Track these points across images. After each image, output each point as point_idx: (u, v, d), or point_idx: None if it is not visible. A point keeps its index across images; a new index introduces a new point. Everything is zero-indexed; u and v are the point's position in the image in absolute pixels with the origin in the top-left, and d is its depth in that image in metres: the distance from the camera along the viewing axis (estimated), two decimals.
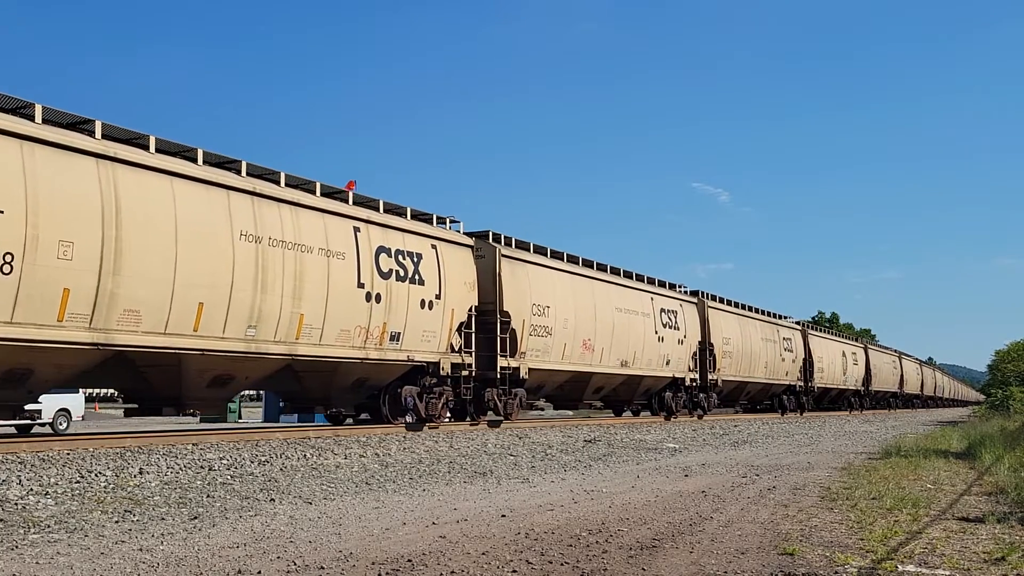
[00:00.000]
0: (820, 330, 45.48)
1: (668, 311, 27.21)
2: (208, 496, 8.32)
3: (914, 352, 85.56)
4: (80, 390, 26.20)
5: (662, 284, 28.00)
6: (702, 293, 30.70)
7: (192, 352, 12.84)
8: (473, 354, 18.23)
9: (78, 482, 8.76)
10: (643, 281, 26.65)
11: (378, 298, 15.76)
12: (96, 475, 9.16)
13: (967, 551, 5.95)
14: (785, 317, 40.04)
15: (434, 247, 17.43)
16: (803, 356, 39.67)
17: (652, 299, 26.31)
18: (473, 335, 18.26)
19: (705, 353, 29.51)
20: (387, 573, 5.16)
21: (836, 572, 5.26)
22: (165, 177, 12.41)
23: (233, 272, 13.15)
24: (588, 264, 23.67)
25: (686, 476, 10.99)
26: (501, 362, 18.80)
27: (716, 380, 30.02)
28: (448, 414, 18.55)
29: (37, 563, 5.30)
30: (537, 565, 5.43)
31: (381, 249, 15.98)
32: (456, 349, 17.89)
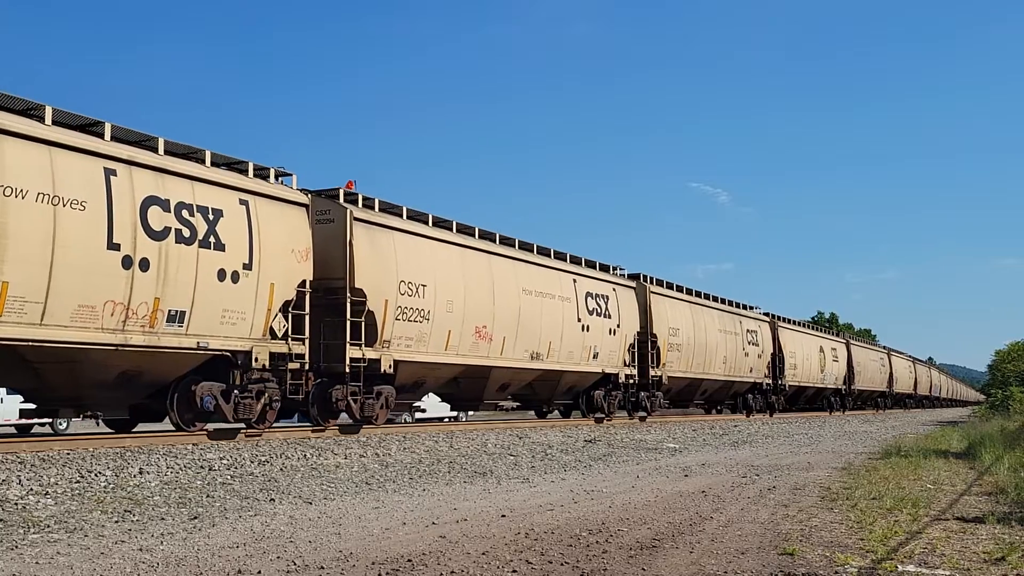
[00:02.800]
0: (793, 323, 40.90)
1: (597, 296, 23.16)
2: (208, 496, 8.32)
3: (914, 352, 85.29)
4: None
5: (591, 264, 23.93)
6: (643, 276, 26.66)
7: None
8: (306, 342, 14.30)
9: (78, 482, 8.76)
10: (565, 260, 22.52)
11: (145, 264, 11.87)
12: (96, 475, 9.15)
13: (967, 551, 5.95)
14: (752, 307, 35.76)
15: (244, 203, 13.42)
16: (772, 351, 35.79)
17: (575, 281, 22.24)
18: (307, 318, 14.31)
19: (646, 346, 25.58)
20: (387, 573, 5.16)
21: (836, 572, 5.26)
22: None
23: None
24: (487, 236, 19.62)
25: (686, 476, 10.99)
26: (352, 352, 15.00)
27: (660, 377, 26.12)
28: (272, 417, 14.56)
29: (37, 563, 5.30)
30: (537, 565, 5.43)
31: (152, 200, 12.03)
32: (281, 335, 13.95)
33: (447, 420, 27.87)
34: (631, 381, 24.66)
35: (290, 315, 14.10)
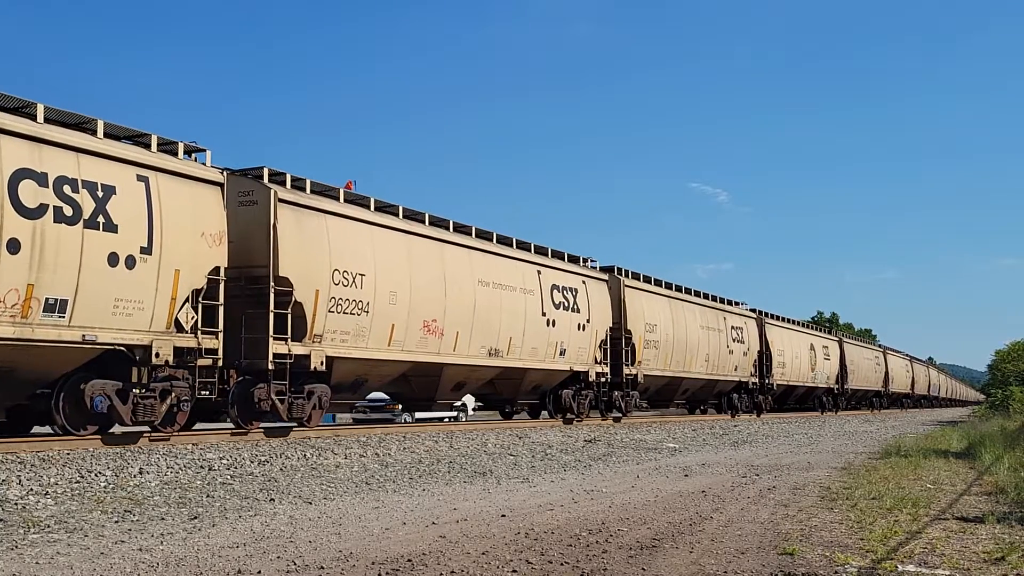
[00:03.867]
0: (782, 319, 38.97)
1: (564, 288, 21.54)
2: (208, 496, 8.32)
3: (915, 352, 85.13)
4: None
5: (558, 255, 22.27)
6: (617, 269, 24.97)
7: None
8: (220, 335, 13.05)
9: (78, 482, 8.76)
10: (528, 250, 20.92)
11: (14, 246, 10.59)
12: (96, 475, 9.16)
13: (967, 551, 5.95)
14: (737, 303, 34.13)
15: (143, 179, 12.04)
16: (758, 348, 34.24)
17: (540, 273, 20.63)
18: (221, 309, 13.03)
19: (620, 342, 24.11)
20: (387, 573, 5.16)
21: (836, 572, 5.26)
22: None
23: None
24: (439, 223, 18.08)
25: (686, 476, 10.99)
26: (277, 347, 13.79)
27: (635, 375, 24.67)
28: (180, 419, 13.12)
29: (37, 563, 5.30)
30: (537, 565, 5.43)
31: (25, 174, 10.76)
32: (189, 328, 12.66)
33: (447, 420, 27.75)
34: (603, 380, 23.21)
35: (200, 306, 12.78)
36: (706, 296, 30.89)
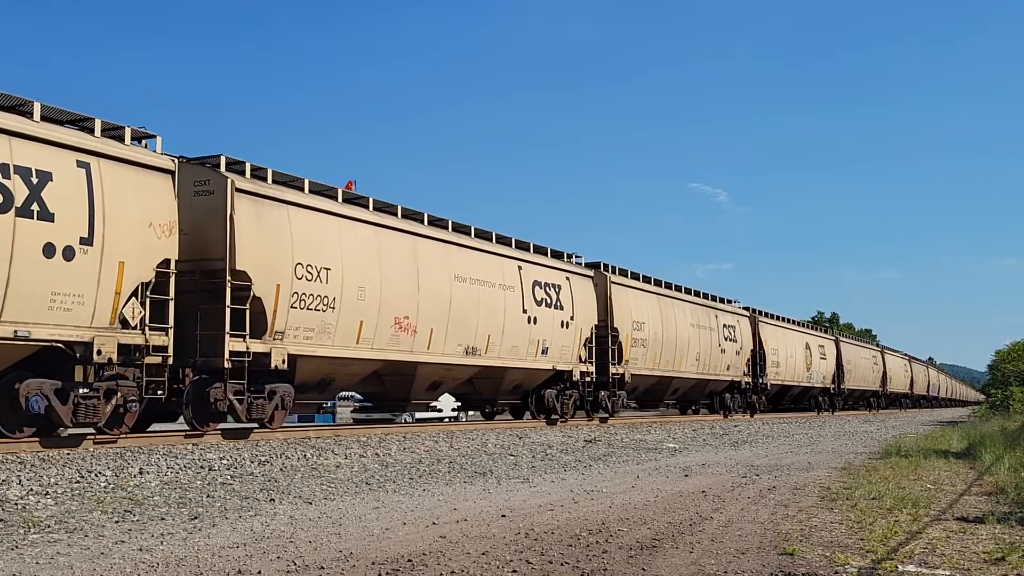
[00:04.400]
0: (776, 318, 37.95)
1: (546, 285, 20.81)
2: (208, 496, 8.32)
3: (915, 352, 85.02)
4: None
5: (540, 250, 21.62)
6: (603, 265, 24.21)
7: None
8: (170, 332, 12.28)
9: (78, 482, 8.76)
10: (509, 245, 20.23)
11: None
12: (96, 475, 9.16)
13: (967, 551, 5.95)
14: (730, 301, 33.38)
15: (84, 165, 11.34)
16: (752, 347, 33.51)
17: (520, 268, 19.95)
18: (171, 303, 12.27)
19: (606, 340, 23.34)
20: (387, 573, 5.16)
21: (836, 572, 5.27)
22: None
23: None
24: (412, 216, 17.48)
25: (686, 476, 10.99)
26: (234, 345, 13.07)
27: (622, 374, 23.92)
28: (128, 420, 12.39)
29: (37, 563, 5.30)
30: (537, 565, 5.43)
31: None
32: (135, 324, 11.89)
33: (447, 420, 27.70)
34: (588, 379, 22.48)
35: (148, 300, 12.00)
36: (697, 294, 30.25)
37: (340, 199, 15.69)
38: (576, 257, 23.50)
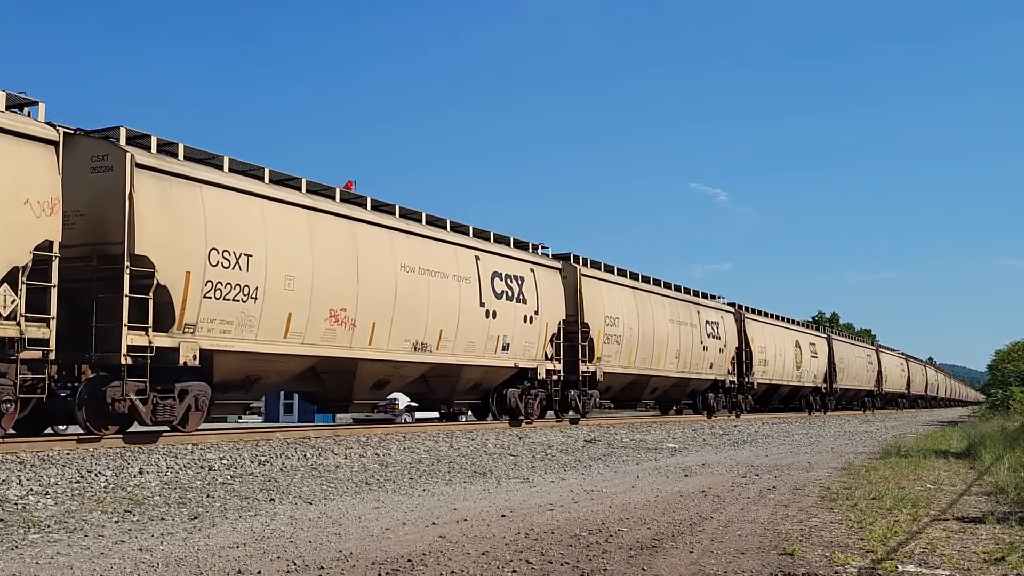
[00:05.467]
0: (764, 314, 36.24)
1: (508, 276, 19.45)
2: (208, 496, 8.32)
3: (915, 352, 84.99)
4: None
5: (502, 240, 20.22)
6: (573, 257, 22.81)
7: None
8: (51, 323, 11.00)
9: (78, 482, 8.76)
10: (466, 233, 18.88)
11: None
12: (96, 475, 9.16)
13: (967, 551, 5.96)
14: (714, 296, 31.96)
15: None
16: (737, 344, 32.14)
17: (478, 258, 18.58)
18: (52, 291, 11.01)
19: (576, 336, 21.89)
20: (387, 573, 5.16)
21: (836, 572, 5.27)
22: None
23: None
24: (353, 200, 16.23)
25: (686, 476, 10.99)
26: (133, 338, 11.75)
27: (593, 372, 22.48)
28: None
29: (37, 563, 5.30)
30: (537, 565, 5.43)
31: None
32: (6, 313, 10.62)
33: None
34: (555, 377, 21.12)
35: (23, 287, 10.64)
36: (677, 288, 28.89)
37: (267, 179, 14.30)
38: (543, 248, 22.07)
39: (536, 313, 20.34)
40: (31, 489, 8.20)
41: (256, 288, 13.40)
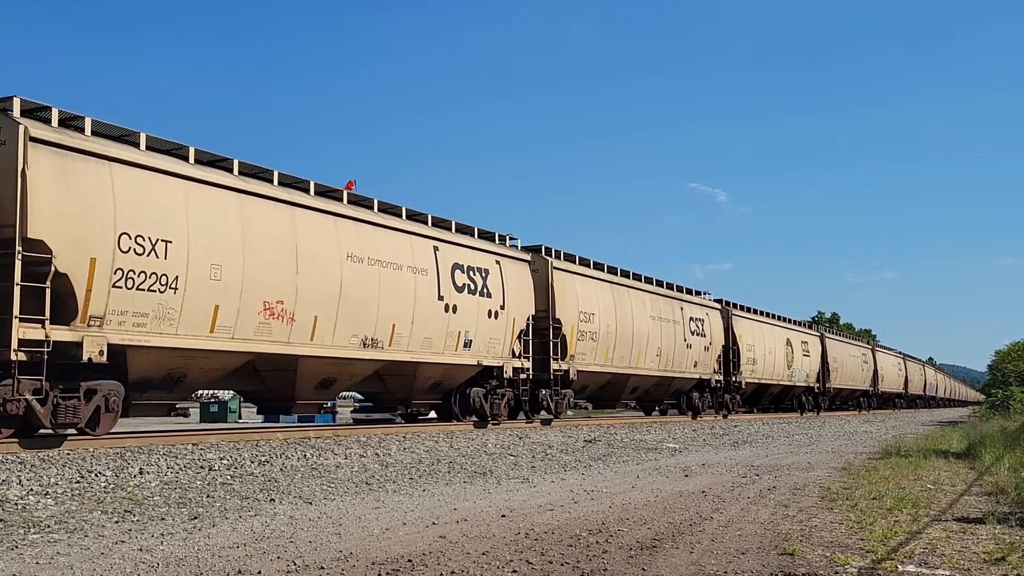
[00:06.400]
0: (752, 311, 34.98)
1: (470, 269, 18.38)
2: (208, 496, 8.32)
3: (915, 352, 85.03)
4: None
5: (465, 230, 19.04)
6: (545, 249, 21.61)
7: None
8: None
9: (78, 482, 8.76)
10: (424, 222, 17.71)
11: None
12: (96, 475, 9.16)
13: (967, 551, 5.96)
14: (699, 292, 30.89)
15: None
16: (723, 342, 31.06)
17: (437, 249, 17.47)
18: None
19: (547, 333, 20.70)
20: (387, 573, 5.16)
21: (836, 572, 5.27)
22: None
23: None
24: (295, 184, 14.92)
25: (686, 476, 10.99)
26: (27, 332, 10.75)
27: (566, 371, 21.32)
28: None
29: (37, 563, 5.30)
30: (537, 565, 5.43)
31: None
32: None
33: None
34: (524, 376, 19.99)
35: None
36: (659, 283, 27.61)
37: (192, 159, 13.14)
38: (511, 239, 20.89)
39: (502, 308, 19.27)
40: (31, 489, 8.20)
41: (176, 277, 12.29)
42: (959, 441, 17.21)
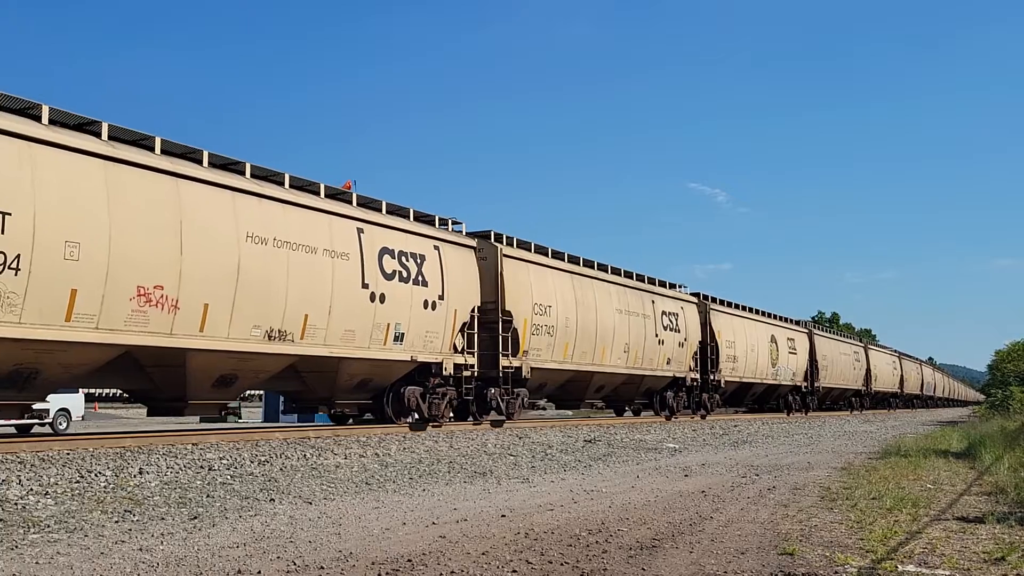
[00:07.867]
0: (733, 306, 33.11)
1: (404, 254, 16.60)
2: (208, 496, 8.32)
3: (915, 352, 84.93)
4: (80, 390, 26.10)
5: (397, 212, 17.23)
6: (494, 235, 19.83)
7: None
8: None
9: (78, 482, 8.76)
10: (347, 202, 15.93)
11: None
12: (96, 475, 9.16)
13: (967, 551, 5.96)
14: (673, 285, 28.78)
15: None
16: (700, 338, 29.27)
17: (361, 231, 15.65)
18: None
19: (496, 327, 18.93)
20: (387, 573, 5.16)
21: (836, 572, 5.27)
22: None
23: None
24: (182, 154, 13.05)
25: (686, 476, 10.99)
26: None
27: (518, 368, 19.46)
28: None
29: (37, 563, 5.30)
30: (537, 565, 5.43)
31: None
32: None
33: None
34: (467, 373, 18.23)
35: None
36: (628, 274, 25.49)
37: (46, 120, 11.36)
38: (455, 223, 19.03)
39: (441, 298, 17.38)
40: (31, 489, 8.20)
41: (18, 256, 10.46)
42: (959, 441, 17.21)
